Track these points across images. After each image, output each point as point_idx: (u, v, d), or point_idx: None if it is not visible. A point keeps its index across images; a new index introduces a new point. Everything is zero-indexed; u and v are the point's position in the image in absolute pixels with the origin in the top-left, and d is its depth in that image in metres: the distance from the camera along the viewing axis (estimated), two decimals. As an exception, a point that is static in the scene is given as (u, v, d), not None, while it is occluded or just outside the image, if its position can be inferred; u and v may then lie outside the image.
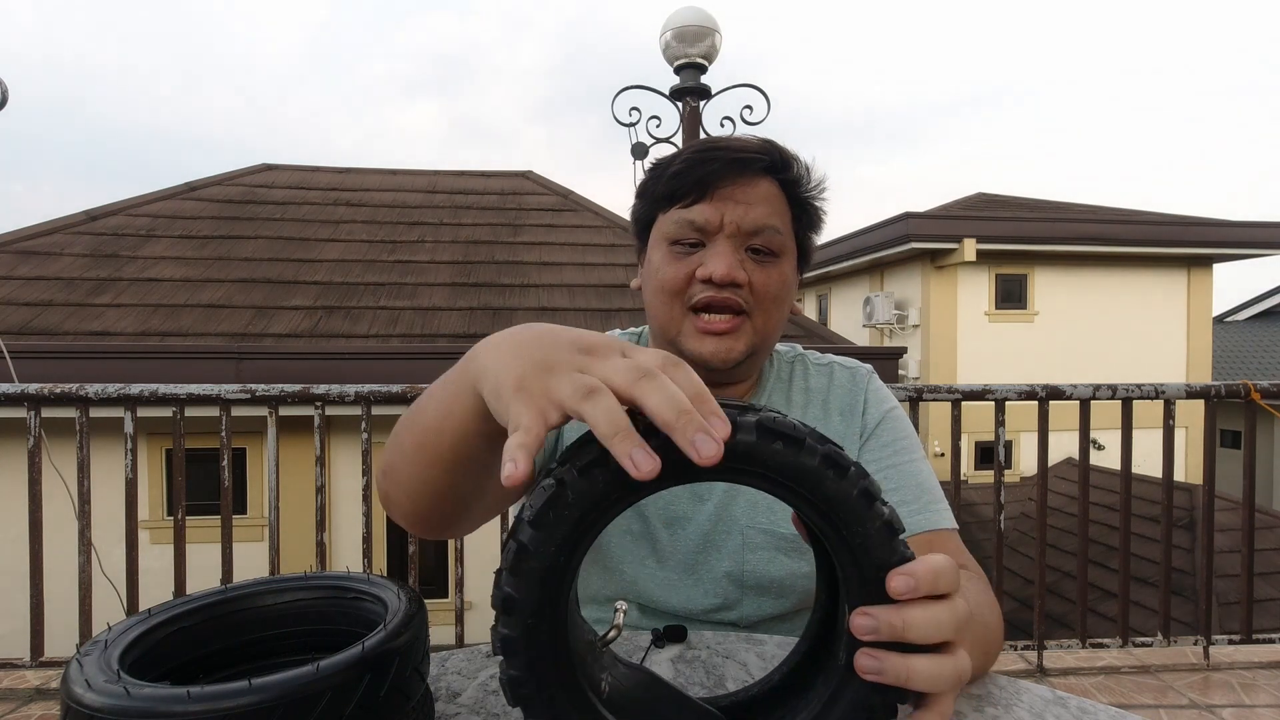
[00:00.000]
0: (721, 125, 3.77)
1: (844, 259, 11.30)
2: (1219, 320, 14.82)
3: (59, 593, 2.04)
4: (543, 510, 0.35)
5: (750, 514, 0.77)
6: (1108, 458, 8.29)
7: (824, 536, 0.38)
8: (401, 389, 2.04)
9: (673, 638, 0.66)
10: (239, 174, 7.19)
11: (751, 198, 0.73)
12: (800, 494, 0.36)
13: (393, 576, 0.54)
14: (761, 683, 0.46)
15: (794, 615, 0.78)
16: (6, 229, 7.56)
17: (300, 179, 7.26)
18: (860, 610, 0.37)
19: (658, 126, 3.81)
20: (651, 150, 3.79)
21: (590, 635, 0.43)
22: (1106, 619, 5.34)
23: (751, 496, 0.77)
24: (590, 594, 0.79)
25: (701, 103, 3.74)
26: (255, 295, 5.32)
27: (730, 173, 0.73)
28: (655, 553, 0.77)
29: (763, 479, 0.36)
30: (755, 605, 0.77)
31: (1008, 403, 2.19)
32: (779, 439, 0.35)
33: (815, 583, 0.44)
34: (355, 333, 5.01)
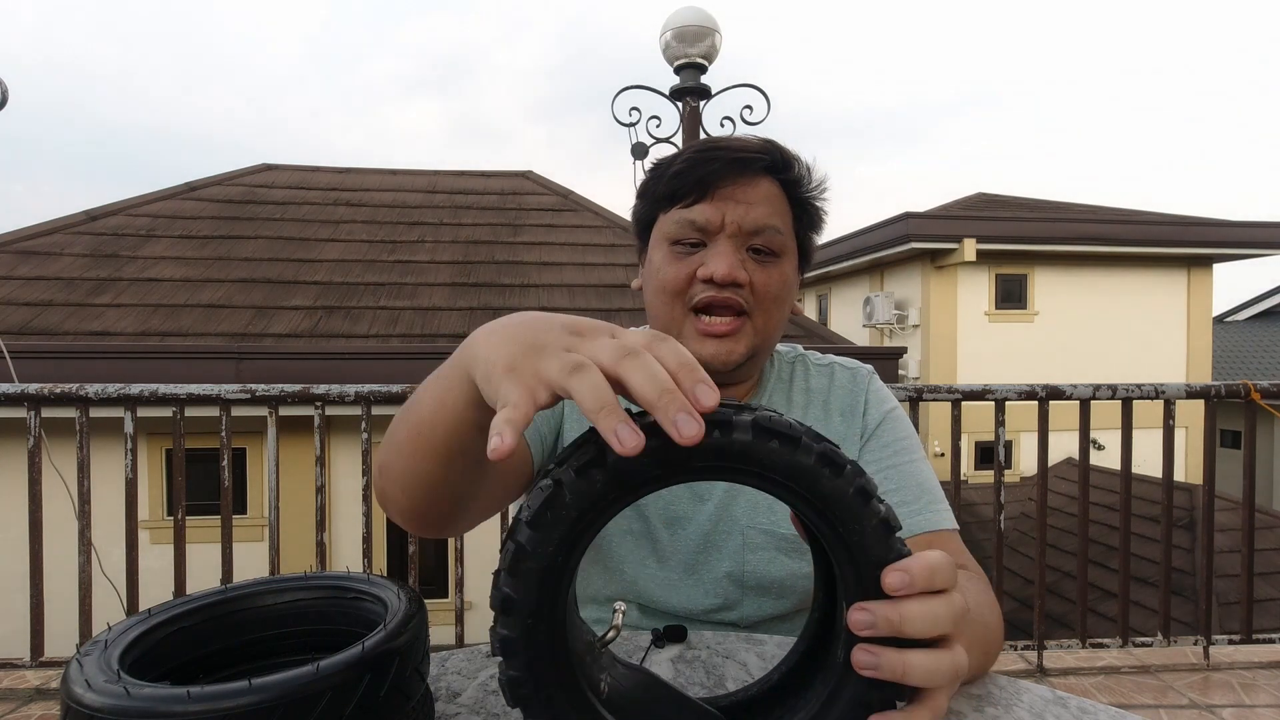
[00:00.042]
0: (721, 125, 3.77)
1: (844, 259, 11.30)
2: (1219, 320, 14.81)
3: (59, 593, 2.04)
4: (540, 510, 0.35)
5: (751, 514, 0.77)
6: (1108, 458, 8.29)
7: (821, 535, 0.38)
8: (401, 389, 2.04)
9: (673, 638, 0.66)
10: (239, 174, 7.18)
11: (752, 198, 0.73)
12: (797, 492, 0.36)
13: (393, 576, 0.54)
14: (760, 682, 0.46)
15: (794, 616, 0.78)
16: (6, 229, 7.56)
17: (300, 179, 7.26)
18: (857, 606, 0.37)
19: (658, 126, 3.81)
20: (651, 150, 3.79)
21: (589, 636, 0.43)
22: (1106, 619, 5.34)
23: (752, 497, 0.77)
24: (590, 594, 0.79)
25: (701, 103, 3.74)
26: (255, 295, 5.33)
27: (731, 173, 0.73)
28: (656, 553, 0.77)
29: (759, 478, 0.36)
30: (755, 606, 0.77)
31: (1008, 403, 2.19)
32: (775, 437, 0.35)
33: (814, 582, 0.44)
34: (355, 333, 5.01)
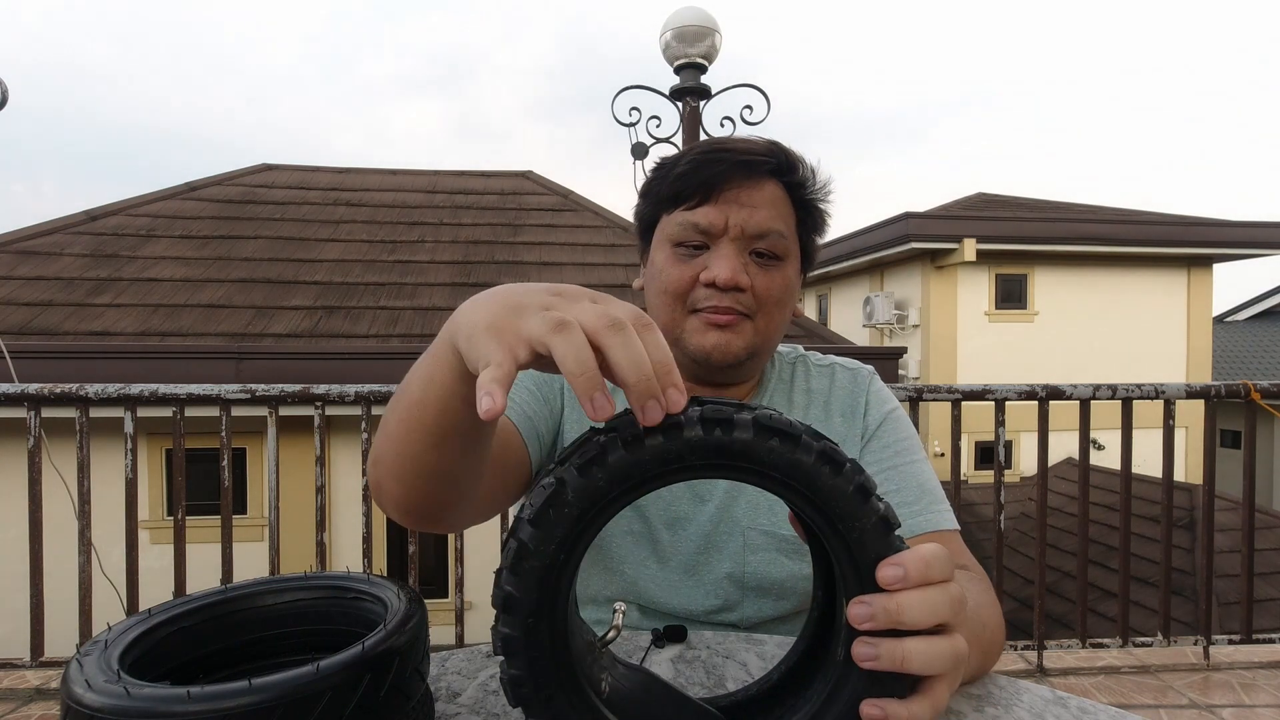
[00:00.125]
0: (722, 125, 3.77)
1: (844, 259, 11.29)
2: (1219, 320, 14.81)
3: (59, 593, 2.04)
4: (542, 509, 0.35)
5: (751, 515, 0.76)
6: (1108, 458, 8.29)
7: (820, 533, 0.38)
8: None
9: (673, 638, 0.66)
10: (239, 174, 7.18)
11: (757, 201, 0.73)
12: (797, 490, 0.36)
13: (393, 576, 0.54)
14: (760, 682, 0.46)
15: (794, 617, 0.78)
16: (6, 229, 7.56)
17: (300, 179, 7.26)
18: (856, 599, 0.37)
19: (658, 126, 3.80)
20: (652, 150, 3.79)
21: (589, 636, 0.43)
22: (1106, 619, 5.33)
23: (753, 498, 0.77)
24: (591, 594, 0.79)
25: (701, 103, 3.74)
26: (255, 295, 5.32)
27: (736, 175, 0.72)
28: (656, 553, 0.77)
29: (760, 475, 0.36)
30: (756, 607, 0.76)
31: (1008, 403, 2.19)
32: (775, 435, 0.36)
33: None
34: (355, 333, 5.01)
